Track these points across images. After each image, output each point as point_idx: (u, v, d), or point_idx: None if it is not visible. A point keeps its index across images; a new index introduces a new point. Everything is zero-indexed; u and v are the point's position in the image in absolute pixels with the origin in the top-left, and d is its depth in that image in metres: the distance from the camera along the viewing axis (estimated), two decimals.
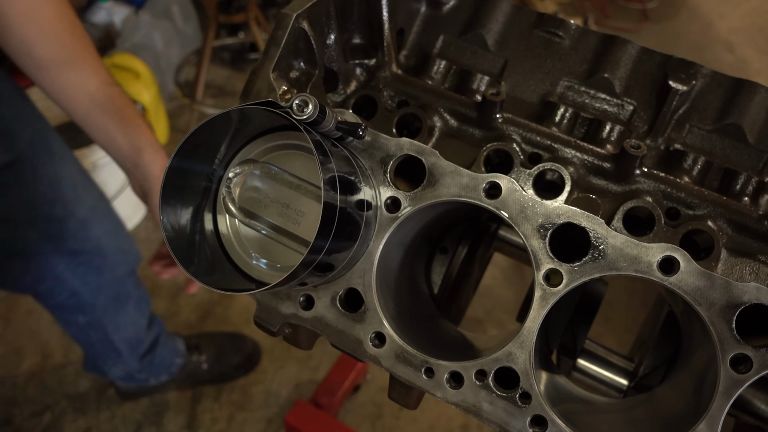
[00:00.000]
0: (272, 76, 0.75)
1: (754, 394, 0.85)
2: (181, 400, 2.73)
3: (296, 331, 0.82)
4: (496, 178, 0.69)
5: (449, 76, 0.95)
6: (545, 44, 0.92)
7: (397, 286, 0.84)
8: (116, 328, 2.21)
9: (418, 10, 0.98)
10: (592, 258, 0.67)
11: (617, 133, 0.87)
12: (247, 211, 0.72)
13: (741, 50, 5.15)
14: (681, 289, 0.65)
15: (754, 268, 0.78)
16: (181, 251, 0.68)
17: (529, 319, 0.69)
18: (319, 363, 2.83)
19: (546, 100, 0.90)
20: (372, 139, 0.74)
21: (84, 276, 2.01)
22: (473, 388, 0.72)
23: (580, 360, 1.00)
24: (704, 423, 0.64)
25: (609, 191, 0.83)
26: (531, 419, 0.70)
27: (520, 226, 0.69)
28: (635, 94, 0.89)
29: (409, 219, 0.74)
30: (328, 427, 2.33)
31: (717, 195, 0.81)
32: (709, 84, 0.86)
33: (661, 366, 0.94)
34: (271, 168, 0.71)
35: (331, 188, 0.62)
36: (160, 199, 0.67)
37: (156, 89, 3.61)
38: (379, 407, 2.72)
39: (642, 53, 0.89)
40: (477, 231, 1.05)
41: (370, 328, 0.75)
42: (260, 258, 0.73)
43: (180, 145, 0.65)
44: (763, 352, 0.63)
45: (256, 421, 2.66)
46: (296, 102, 0.62)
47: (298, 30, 0.77)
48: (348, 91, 0.92)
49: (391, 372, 0.75)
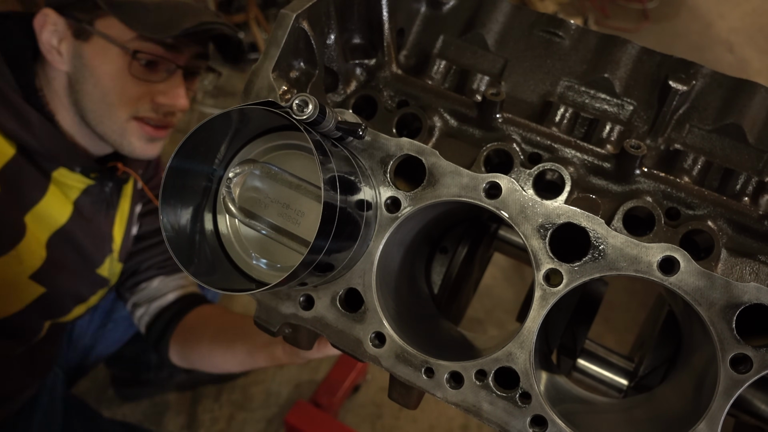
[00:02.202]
0: (272, 76, 0.75)
1: (754, 394, 0.85)
2: (181, 400, 2.73)
3: (296, 331, 0.82)
4: (496, 178, 0.69)
5: (449, 76, 0.95)
6: (545, 44, 0.92)
7: (397, 286, 0.84)
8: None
9: (418, 10, 0.98)
10: (592, 258, 0.67)
11: (617, 133, 0.87)
12: (247, 211, 0.72)
13: (741, 50, 5.15)
14: (681, 289, 0.65)
15: (754, 268, 0.78)
16: (181, 251, 0.68)
17: (529, 319, 0.69)
18: (319, 363, 2.83)
19: (546, 100, 0.90)
20: (372, 139, 0.74)
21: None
22: (473, 388, 0.72)
23: (580, 360, 1.00)
24: (704, 423, 0.64)
25: (609, 191, 0.83)
26: (531, 419, 0.70)
27: (520, 226, 0.69)
28: (635, 94, 0.89)
29: (409, 219, 0.74)
30: (328, 427, 2.33)
31: (717, 195, 0.81)
32: (709, 84, 0.86)
33: (661, 366, 0.94)
34: (271, 168, 0.71)
35: (331, 188, 0.62)
36: (160, 199, 0.67)
37: None
38: (379, 407, 2.72)
39: (642, 53, 0.89)
40: (477, 231, 1.04)
41: (370, 328, 0.75)
42: (260, 258, 0.73)
43: (180, 145, 0.65)
44: (763, 352, 0.63)
45: (256, 421, 2.66)
46: (296, 102, 0.62)
47: (298, 30, 0.77)
48: (348, 91, 0.92)
49: (391, 372, 0.75)
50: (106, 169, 1.63)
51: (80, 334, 2.12)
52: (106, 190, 1.66)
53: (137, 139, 1.56)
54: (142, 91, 1.50)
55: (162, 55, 1.48)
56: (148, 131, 1.55)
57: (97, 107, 1.50)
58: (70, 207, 1.57)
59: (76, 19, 1.45)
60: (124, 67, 1.46)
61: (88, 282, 1.72)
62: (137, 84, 1.48)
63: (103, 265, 1.73)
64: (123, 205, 1.78)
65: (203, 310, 1.86)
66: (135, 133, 1.54)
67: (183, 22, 1.41)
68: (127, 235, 1.82)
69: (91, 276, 1.71)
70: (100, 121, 1.52)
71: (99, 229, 1.69)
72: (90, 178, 1.59)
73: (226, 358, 1.69)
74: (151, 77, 1.50)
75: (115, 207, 1.75)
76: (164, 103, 1.53)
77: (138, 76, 1.48)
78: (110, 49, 1.45)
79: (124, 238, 1.80)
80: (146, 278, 1.91)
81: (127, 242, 1.82)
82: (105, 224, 1.71)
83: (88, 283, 1.72)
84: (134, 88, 1.49)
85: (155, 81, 1.50)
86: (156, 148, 1.63)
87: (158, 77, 1.51)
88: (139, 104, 1.51)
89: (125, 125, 1.53)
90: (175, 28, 1.40)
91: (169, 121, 1.58)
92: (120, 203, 1.77)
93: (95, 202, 1.65)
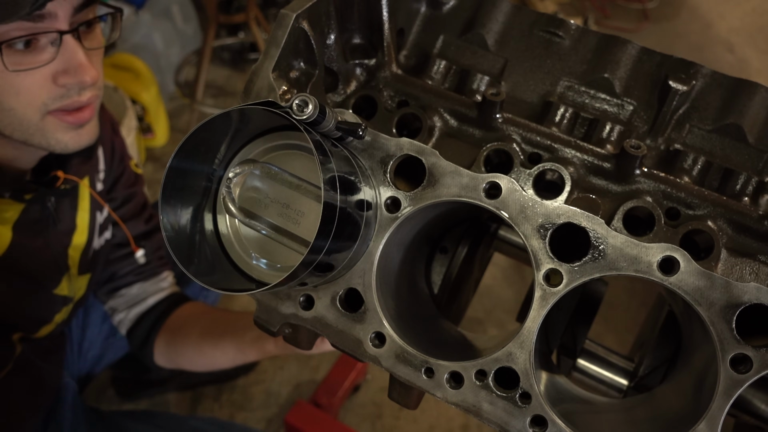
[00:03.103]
0: (272, 76, 0.75)
1: (754, 394, 0.85)
2: (181, 400, 2.73)
3: (296, 331, 0.82)
4: (496, 178, 0.69)
5: (449, 76, 0.95)
6: (545, 44, 0.92)
7: (397, 286, 0.84)
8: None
9: (418, 10, 0.98)
10: (592, 258, 0.67)
11: (617, 133, 0.87)
12: (247, 211, 0.72)
13: (741, 50, 5.15)
14: (681, 289, 0.65)
15: (754, 268, 0.78)
16: (181, 251, 0.68)
17: (529, 319, 0.69)
18: (319, 363, 2.83)
19: (546, 100, 0.90)
20: (372, 139, 0.74)
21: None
22: (473, 388, 0.72)
23: (580, 360, 1.00)
24: (704, 423, 0.64)
25: (609, 191, 0.83)
26: (531, 419, 0.70)
27: (520, 226, 0.69)
28: (635, 94, 0.89)
29: (409, 219, 0.74)
30: (328, 427, 2.33)
31: (717, 195, 0.81)
32: (709, 84, 0.86)
33: (661, 366, 0.94)
34: (271, 168, 0.71)
35: (331, 188, 0.62)
36: (160, 199, 0.67)
37: (156, 89, 3.61)
38: (379, 407, 2.72)
39: (642, 53, 0.89)
40: (477, 231, 1.05)
41: (370, 328, 0.75)
42: (260, 258, 0.73)
43: (180, 145, 0.65)
44: (763, 352, 0.63)
45: (256, 421, 2.66)
46: (296, 102, 0.62)
47: (298, 30, 0.77)
48: (348, 91, 0.92)
49: (391, 372, 0.75)
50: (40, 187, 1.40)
51: (90, 345, 2.07)
52: (48, 206, 1.44)
53: (62, 133, 1.28)
54: (37, 82, 1.19)
55: (33, 30, 1.14)
56: (69, 120, 1.27)
57: (2, 118, 1.23)
58: (8, 234, 1.37)
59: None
60: (0, 66, 1.14)
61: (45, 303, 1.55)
62: (26, 76, 1.17)
63: (60, 285, 1.57)
64: (81, 217, 1.58)
65: (186, 309, 1.78)
66: (56, 128, 1.27)
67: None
68: (88, 247, 1.64)
69: (47, 297, 1.54)
70: (13, 129, 1.25)
71: (47, 249, 1.48)
72: (24, 201, 1.37)
73: (215, 355, 1.63)
74: (36, 61, 1.17)
75: (70, 220, 1.54)
76: (68, 82, 1.21)
77: (20, 68, 1.16)
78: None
79: (84, 251, 1.61)
80: (125, 284, 1.81)
81: (88, 254, 1.64)
82: (55, 242, 1.50)
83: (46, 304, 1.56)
84: (25, 81, 1.18)
85: (44, 62, 1.18)
86: (90, 133, 1.34)
87: (45, 56, 1.18)
88: (43, 96, 1.21)
89: (41, 124, 1.25)
90: (22, 3, 1.06)
91: (87, 98, 1.27)
92: (78, 215, 1.57)
93: (38, 221, 1.43)
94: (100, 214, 1.67)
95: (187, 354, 1.72)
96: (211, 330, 1.67)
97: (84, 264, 1.63)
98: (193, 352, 1.69)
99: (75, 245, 1.58)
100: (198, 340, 1.68)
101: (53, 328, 1.62)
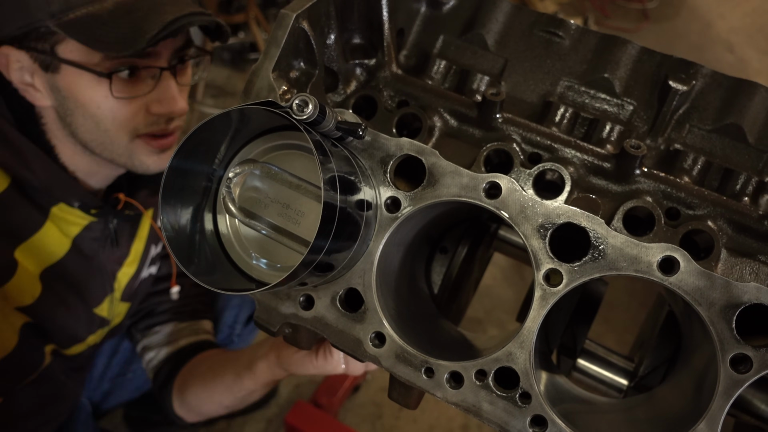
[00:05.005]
0: (272, 76, 0.75)
1: (754, 394, 0.85)
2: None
3: (296, 331, 0.82)
4: (496, 178, 0.69)
5: (449, 76, 0.95)
6: (545, 44, 0.92)
7: (397, 286, 0.84)
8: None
9: (418, 10, 0.98)
10: (592, 258, 0.67)
11: (617, 133, 0.87)
12: (247, 211, 0.72)
13: (741, 50, 5.15)
14: (681, 289, 0.65)
15: (754, 268, 0.78)
16: (181, 251, 0.68)
17: (529, 319, 0.69)
18: None
19: (546, 100, 0.90)
20: (372, 139, 0.74)
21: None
22: (473, 388, 0.72)
23: (580, 360, 1.00)
24: (704, 423, 0.64)
25: (609, 191, 0.83)
26: (531, 419, 0.70)
27: (520, 226, 0.69)
28: (635, 94, 0.89)
29: (409, 219, 0.74)
30: (328, 427, 2.33)
31: (717, 195, 0.81)
32: (709, 84, 0.86)
33: (661, 366, 0.94)
34: (271, 168, 0.71)
35: (331, 188, 0.62)
36: (160, 199, 0.67)
37: None
38: (379, 407, 2.72)
39: (642, 53, 0.89)
40: (477, 231, 1.05)
41: (370, 328, 0.75)
42: (260, 258, 0.73)
43: (180, 145, 0.65)
44: (763, 352, 0.63)
45: (256, 421, 2.65)
46: (296, 102, 0.62)
47: (298, 30, 0.77)
48: (348, 91, 0.92)
49: (391, 372, 0.75)
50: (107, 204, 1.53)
51: (99, 379, 2.05)
52: (110, 227, 1.56)
53: (147, 156, 1.46)
54: (134, 109, 1.38)
55: (139, 65, 1.35)
56: (154, 145, 1.45)
57: (95, 137, 1.40)
58: (68, 243, 1.49)
59: (37, 50, 1.30)
60: (105, 91, 1.33)
61: (83, 320, 1.62)
62: (126, 103, 1.36)
63: (101, 305, 1.63)
64: (136, 246, 1.69)
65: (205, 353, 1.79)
66: (142, 151, 1.44)
67: (146, 29, 1.25)
68: (136, 276, 1.72)
69: (87, 314, 1.61)
70: (103, 148, 1.42)
71: (100, 267, 1.59)
72: (90, 215, 1.49)
73: (216, 388, 1.63)
74: (137, 91, 1.37)
75: (126, 246, 1.65)
76: (160, 112, 1.41)
77: (123, 96, 1.35)
78: (83, 76, 1.31)
79: (132, 279, 1.70)
80: (161, 321, 1.84)
81: (134, 283, 1.72)
82: (108, 263, 1.60)
83: (84, 321, 1.62)
84: (124, 108, 1.36)
85: (143, 93, 1.38)
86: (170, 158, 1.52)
87: (145, 87, 1.38)
88: (136, 122, 1.39)
89: (130, 146, 1.42)
90: (139, 39, 1.24)
91: (173, 127, 1.47)
92: (134, 243, 1.68)
93: (97, 239, 1.54)
94: (155, 248, 1.77)
95: (196, 393, 1.71)
96: (216, 363, 1.68)
97: (128, 291, 1.70)
98: (199, 387, 1.70)
99: (124, 271, 1.67)
100: (204, 372, 1.69)
101: (84, 348, 1.67)
